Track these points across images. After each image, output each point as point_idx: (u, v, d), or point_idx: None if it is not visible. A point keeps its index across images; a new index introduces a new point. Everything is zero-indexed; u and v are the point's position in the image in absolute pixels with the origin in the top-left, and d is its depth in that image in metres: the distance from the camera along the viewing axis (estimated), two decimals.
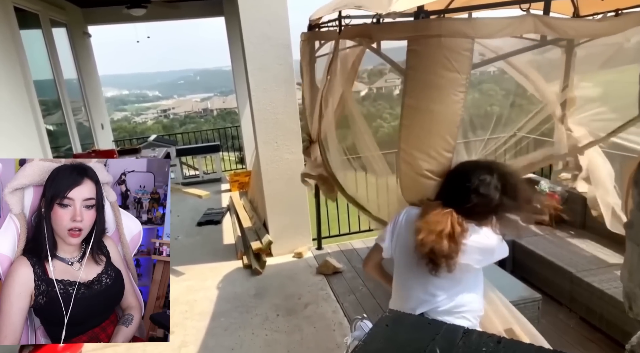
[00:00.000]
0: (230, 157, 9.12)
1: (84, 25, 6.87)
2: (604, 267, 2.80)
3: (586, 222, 3.43)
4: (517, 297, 2.51)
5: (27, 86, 4.07)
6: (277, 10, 3.70)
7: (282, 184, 4.05)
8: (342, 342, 2.51)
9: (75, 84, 6.35)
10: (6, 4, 3.97)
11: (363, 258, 4.02)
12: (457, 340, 0.76)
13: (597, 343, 2.54)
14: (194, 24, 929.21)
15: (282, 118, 3.92)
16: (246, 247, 4.24)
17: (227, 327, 3.08)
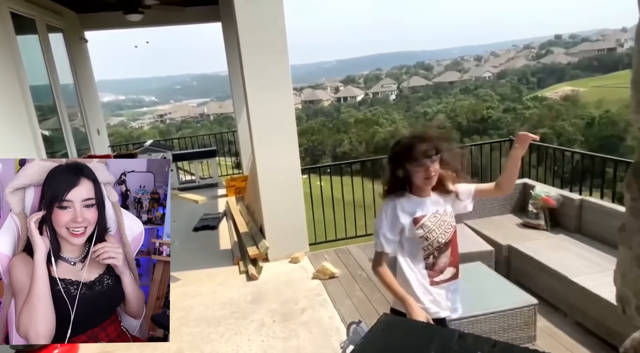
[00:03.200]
0: (226, 162, 9.12)
1: (81, 31, 6.87)
2: (599, 271, 2.81)
3: (581, 226, 3.45)
4: (513, 302, 2.52)
5: (23, 91, 4.06)
6: (273, 16, 3.72)
7: (278, 189, 4.05)
8: (339, 347, 2.50)
9: (71, 89, 6.34)
10: (2, 9, 3.97)
11: (359, 263, 4.04)
12: (453, 344, 0.77)
13: (593, 348, 2.54)
14: (190, 29, 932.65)
15: (278, 123, 3.93)
16: (242, 253, 4.23)
17: (223, 333, 3.06)
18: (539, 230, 3.56)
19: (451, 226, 1.81)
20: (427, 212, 1.77)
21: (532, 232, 3.55)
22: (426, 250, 1.79)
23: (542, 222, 3.58)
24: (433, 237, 1.77)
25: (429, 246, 1.78)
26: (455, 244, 1.84)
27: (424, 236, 1.76)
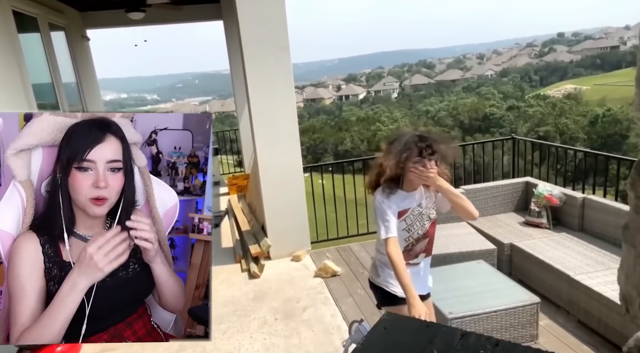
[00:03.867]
0: (228, 161, 9.12)
1: (83, 29, 6.87)
2: (602, 269, 2.80)
3: (584, 224, 3.44)
4: (515, 301, 2.51)
5: (26, 90, 4.06)
6: (275, 14, 3.72)
7: (280, 187, 4.05)
8: (340, 345, 2.50)
9: (73, 88, 6.35)
10: (5, 8, 3.97)
11: (361, 261, 4.04)
12: (455, 343, 0.76)
13: (596, 346, 2.54)
14: (192, 28, 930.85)
15: (280, 121, 3.93)
16: (244, 251, 4.23)
17: (225, 330, 3.07)
18: (541, 229, 3.56)
19: (430, 218, 1.94)
20: (411, 206, 1.90)
21: (535, 230, 3.55)
22: (407, 241, 1.93)
23: (544, 221, 3.58)
24: (414, 230, 1.92)
25: (410, 237, 1.92)
26: (432, 233, 1.99)
27: (406, 228, 1.91)
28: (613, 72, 54.98)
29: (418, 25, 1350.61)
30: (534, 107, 35.19)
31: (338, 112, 54.39)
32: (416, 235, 1.93)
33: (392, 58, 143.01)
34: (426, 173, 1.79)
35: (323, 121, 43.39)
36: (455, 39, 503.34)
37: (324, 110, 60.83)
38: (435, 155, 1.80)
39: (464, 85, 59.94)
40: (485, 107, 38.66)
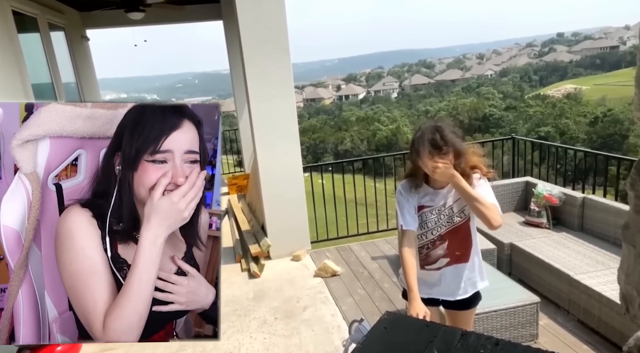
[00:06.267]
0: (228, 160, 9.12)
1: (82, 29, 6.87)
2: (601, 269, 2.80)
3: (584, 224, 3.45)
4: (515, 300, 2.52)
5: (25, 90, 4.06)
6: (275, 14, 3.71)
7: (280, 187, 4.05)
8: (340, 345, 2.50)
9: (73, 88, 6.35)
10: (4, 8, 3.97)
11: (361, 261, 4.04)
12: (455, 343, 0.76)
13: (595, 346, 2.54)
14: (192, 28, 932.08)
15: (280, 121, 3.93)
16: (245, 250, 4.23)
17: (225, 330, 3.07)
18: (541, 228, 3.56)
19: (452, 221, 1.80)
20: (433, 204, 1.79)
21: (535, 230, 3.55)
22: (421, 239, 1.83)
23: (544, 220, 3.58)
24: (427, 228, 1.81)
25: (423, 236, 1.83)
26: (454, 239, 1.82)
27: (420, 225, 1.81)
28: (613, 72, 55.00)
29: (418, 25, 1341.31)
30: (533, 107, 35.17)
31: (338, 112, 54.37)
32: (430, 235, 1.81)
33: (392, 58, 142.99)
34: (432, 167, 1.65)
35: (323, 121, 43.37)
36: (455, 39, 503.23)
37: (323, 110, 60.82)
38: (444, 148, 1.64)
39: (464, 85, 59.92)
40: (485, 107, 38.65)
